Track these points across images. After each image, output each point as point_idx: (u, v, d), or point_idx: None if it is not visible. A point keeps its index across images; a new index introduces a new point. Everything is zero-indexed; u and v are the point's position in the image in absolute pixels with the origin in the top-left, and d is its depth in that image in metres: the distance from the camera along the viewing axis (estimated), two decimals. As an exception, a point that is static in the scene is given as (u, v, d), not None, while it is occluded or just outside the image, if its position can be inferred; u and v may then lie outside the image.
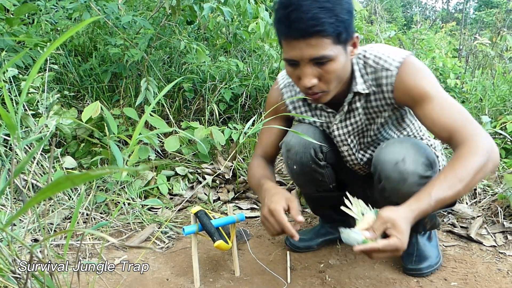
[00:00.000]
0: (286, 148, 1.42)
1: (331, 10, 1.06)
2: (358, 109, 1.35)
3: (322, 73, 1.15)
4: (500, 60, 4.24)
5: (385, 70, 1.24)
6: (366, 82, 1.28)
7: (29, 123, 1.80)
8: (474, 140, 1.10)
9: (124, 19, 2.11)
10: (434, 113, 1.18)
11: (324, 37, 1.08)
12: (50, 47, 0.64)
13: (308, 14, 1.05)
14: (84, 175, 0.42)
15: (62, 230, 1.14)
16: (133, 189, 1.94)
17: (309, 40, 1.09)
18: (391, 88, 1.25)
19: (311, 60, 1.12)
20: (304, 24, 1.06)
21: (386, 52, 1.26)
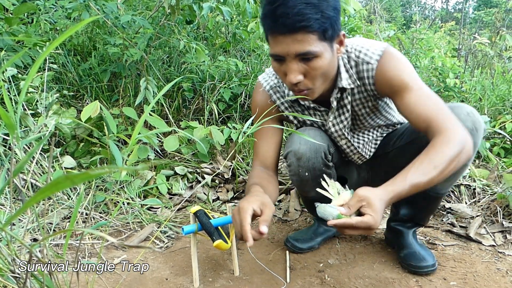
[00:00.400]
0: (296, 157, 1.40)
1: (317, 6, 1.08)
2: (348, 105, 1.37)
3: (308, 69, 1.16)
4: (499, 60, 4.24)
5: (366, 63, 1.27)
6: (351, 76, 1.31)
7: (28, 122, 1.80)
8: (449, 130, 1.14)
9: (123, 19, 2.10)
10: (412, 103, 1.22)
11: (310, 32, 1.09)
12: (49, 47, 0.64)
13: (294, 9, 1.06)
14: (83, 174, 0.42)
15: (61, 230, 1.14)
16: (132, 189, 1.94)
17: (295, 36, 1.10)
18: (373, 81, 1.29)
19: (297, 55, 1.13)
20: (290, 20, 1.08)
21: (365, 45, 1.28)
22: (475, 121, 1.26)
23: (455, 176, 1.37)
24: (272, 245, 1.70)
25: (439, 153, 1.10)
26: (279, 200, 2.15)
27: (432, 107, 1.20)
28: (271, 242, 1.72)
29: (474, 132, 1.25)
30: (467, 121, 1.25)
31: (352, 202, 1.04)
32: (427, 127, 1.18)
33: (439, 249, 1.66)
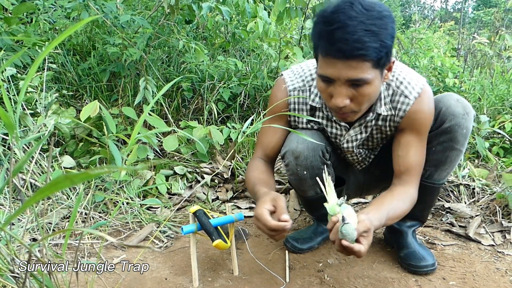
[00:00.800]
0: (294, 155, 1.40)
1: (377, 34, 1.06)
2: (370, 127, 1.39)
3: (356, 94, 1.15)
4: (499, 60, 4.24)
5: (404, 96, 1.30)
6: (386, 104, 1.32)
7: (28, 122, 1.79)
8: (414, 190, 1.34)
9: (123, 18, 2.10)
10: (409, 147, 1.34)
11: (366, 60, 1.08)
12: (48, 46, 0.64)
13: (354, 35, 1.04)
14: (83, 174, 0.42)
15: (61, 230, 1.14)
16: (131, 189, 1.94)
17: (350, 62, 1.08)
18: (403, 114, 1.32)
19: (347, 81, 1.12)
20: (348, 46, 1.05)
21: (407, 77, 1.31)
22: (465, 106, 1.35)
23: (451, 165, 1.42)
24: (272, 245, 1.70)
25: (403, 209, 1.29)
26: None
27: (417, 163, 1.34)
28: (270, 242, 1.72)
29: (466, 116, 1.34)
30: (458, 106, 1.34)
31: (361, 229, 1.06)
32: (402, 173, 1.34)
33: (439, 249, 1.66)
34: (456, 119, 1.34)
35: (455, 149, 1.37)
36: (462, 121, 1.34)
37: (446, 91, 3.20)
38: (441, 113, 1.35)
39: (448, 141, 1.36)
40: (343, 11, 1.05)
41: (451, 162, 1.41)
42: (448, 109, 1.34)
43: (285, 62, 2.84)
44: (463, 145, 1.38)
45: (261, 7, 2.50)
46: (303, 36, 3.02)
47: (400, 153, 1.35)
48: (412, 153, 1.33)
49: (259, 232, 1.81)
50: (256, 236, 1.77)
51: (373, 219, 1.13)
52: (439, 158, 1.40)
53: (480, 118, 2.59)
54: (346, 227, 1.05)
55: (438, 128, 1.36)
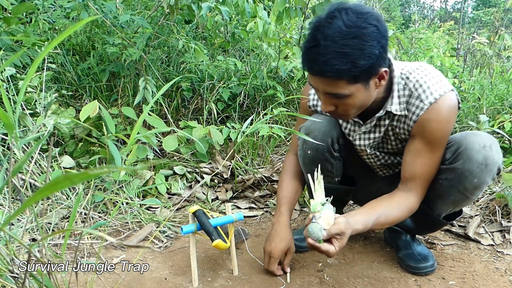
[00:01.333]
0: (306, 132, 1.43)
1: (348, 56, 1.05)
2: (384, 126, 1.35)
3: (338, 104, 1.18)
4: (498, 59, 4.24)
5: (419, 100, 1.23)
6: (401, 104, 1.27)
7: (27, 122, 1.79)
8: (415, 199, 1.31)
9: (122, 18, 2.10)
10: (420, 157, 1.28)
11: (338, 79, 1.09)
12: (48, 46, 0.64)
13: (323, 57, 1.06)
14: (82, 174, 0.42)
15: (60, 230, 1.14)
16: (131, 189, 1.94)
17: (322, 79, 1.11)
18: (416, 119, 1.25)
19: (325, 93, 1.15)
20: (317, 66, 1.09)
21: (429, 81, 1.24)
22: (487, 157, 1.22)
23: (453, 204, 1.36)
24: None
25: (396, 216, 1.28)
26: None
27: (426, 173, 1.29)
28: (270, 242, 1.72)
29: (483, 167, 1.22)
30: (479, 153, 1.22)
31: (333, 231, 1.11)
32: (407, 180, 1.31)
33: (438, 249, 1.66)
34: (471, 165, 1.23)
35: (461, 193, 1.29)
36: (476, 170, 1.23)
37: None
38: (459, 150, 1.26)
39: (456, 182, 1.27)
40: (321, 29, 1.07)
41: (454, 203, 1.34)
42: (466, 151, 1.24)
43: (284, 62, 2.84)
44: (471, 193, 1.28)
45: (261, 7, 2.50)
46: (303, 36, 3.02)
47: (407, 159, 1.31)
48: (420, 161, 1.28)
49: (259, 232, 1.82)
50: (255, 236, 1.77)
51: (354, 223, 1.15)
52: (443, 193, 1.33)
53: (479, 118, 2.59)
54: (312, 226, 1.10)
55: (451, 164, 1.27)
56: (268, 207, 2.08)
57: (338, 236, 1.11)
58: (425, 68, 1.28)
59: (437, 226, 1.51)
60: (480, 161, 1.22)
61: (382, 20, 1.10)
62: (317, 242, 1.11)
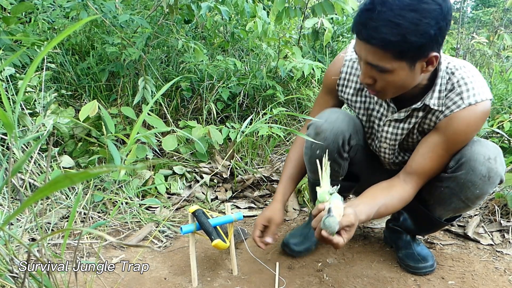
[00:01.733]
0: (316, 131, 1.35)
1: (400, 28, 1.00)
2: (416, 118, 1.30)
3: (377, 78, 1.13)
4: (497, 59, 4.25)
5: (460, 97, 1.19)
6: (441, 99, 1.22)
7: (26, 122, 1.79)
8: (413, 192, 1.29)
9: (122, 18, 2.10)
10: (433, 153, 1.25)
11: (385, 50, 1.04)
12: (47, 46, 0.64)
13: (374, 23, 1.01)
14: (82, 173, 0.42)
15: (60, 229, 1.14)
16: (130, 188, 1.94)
17: (367, 46, 1.06)
18: (448, 113, 1.21)
19: (367, 63, 1.10)
20: (365, 31, 1.04)
21: (474, 82, 1.19)
22: (491, 169, 1.20)
23: (453, 211, 1.35)
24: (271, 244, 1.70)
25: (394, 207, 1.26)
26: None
27: (432, 170, 1.27)
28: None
29: (486, 179, 1.21)
30: (483, 165, 1.20)
31: (344, 223, 1.06)
32: (412, 172, 1.29)
33: (438, 248, 1.66)
34: (473, 177, 1.21)
35: (462, 201, 1.28)
36: (479, 181, 1.21)
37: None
38: (462, 161, 1.23)
39: (458, 191, 1.26)
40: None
41: (455, 210, 1.33)
42: (470, 162, 1.21)
43: (284, 61, 2.84)
44: (472, 202, 1.27)
45: (260, 6, 2.50)
46: (302, 36, 3.02)
47: (420, 150, 1.27)
48: (431, 156, 1.25)
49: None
50: (255, 236, 1.77)
51: (360, 213, 1.11)
52: (444, 199, 1.32)
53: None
54: (330, 219, 1.05)
55: (453, 172, 1.25)
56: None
57: (348, 228, 1.07)
58: (471, 69, 1.24)
59: (437, 227, 1.51)
60: (483, 174, 1.20)
61: (450, 3, 1.04)
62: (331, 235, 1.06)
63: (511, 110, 2.87)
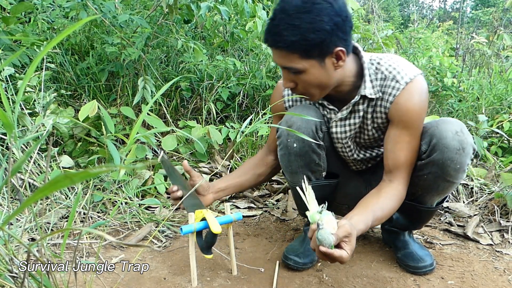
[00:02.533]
0: (287, 124, 1.37)
1: (298, 28, 1.12)
2: (360, 112, 1.37)
3: (297, 80, 1.23)
4: (497, 59, 4.25)
5: (395, 81, 1.28)
6: (374, 87, 1.31)
7: (26, 122, 1.79)
8: (402, 187, 1.32)
9: (121, 18, 2.10)
10: (400, 143, 1.31)
11: (289, 51, 1.16)
12: (47, 46, 0.64)
13: (276, 29, 1.14)
14: (82, 173, 0.42)
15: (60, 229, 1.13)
16: (130, 188, 1.94)
17: (276, 51, 1.18)
18: (392, 99, 1.29)
19: (283, 68, 1.21)
20: (270, 37, 1.17)
21: (401, 65, 1.30)
22: (462, 141, 1.27)
23: (443, 193, 1.37)
24: (270, 244, 1.70)
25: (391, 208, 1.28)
26: (277, 200, 2.15)
27: (408, 159, 1.31)
28: (269, 242, 1.72)
29: (461, 152, 1.26)
30: (454, 140, 1.26)
31: (341, 234, 1.05)
32: (391, 169, 1.32)
33: (437, 248, 1.66)
34: (449, 153, 1.26)
35: (447, 181, 1.32)
36: (455, 156, 1.26)
37: (444, 90, 3.20)
38: (433, 142, 1.29)
39: (440, 172, 1.30)
40: (281, 3, 1.14)
41: (443, 191, 1.37)
42: (441, 140, 1.27)
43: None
44: (456, 178, 1.31)
45: (260, 6, 2.50)
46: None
47: (388, 147, 1.33)
48: (400, 147, 1.31)
49: (258, 232, 1.82)
50: (254, 236, 1.77)
51: (356, 223, 1.13)
52: (430, 185, 1.35)
53: (478, 118, 2.60)
54: (321, 232, 1.04)
55: (429, 157, 1.30)
56: (267, 207, 2.09)
57: (346, 238, 1.07)
58: (393, 56, 1.35)
59: (430, 215, 1.51)
60: (457, 147, 1.26)
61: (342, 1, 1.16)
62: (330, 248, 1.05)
63: (511, 110, 2.87)
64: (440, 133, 1.28)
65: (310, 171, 1.43)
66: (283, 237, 1.77)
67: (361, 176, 1.60)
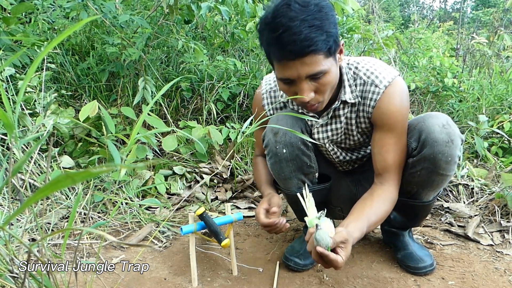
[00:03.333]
0: (273, 132, 1.37)
1: (321, 27, 1.10)
2: (341, 117, 1.38)
3: (318, 86, 1.19)
4: (497, 59, 4.24)
5: (374, 85, 1.29)
6: (353, 92, 1.33)
7: (27, 122, 1.79)
8: (394, 188, 1.33)
9: (122, 18, 2.10)
10: (386, 145, 1.32)
11: (317, 54, 1.12)
12: (47, 47, 0.64)
13: (301, 35, 1.08)
14: (84, 172, 0.41)
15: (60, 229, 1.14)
16: (130, 189, 1.94)
17: (303, 60, 1.12)
18: (374, 104, 1.30)
19: (307, 77, 1.16)
20: (298, 46, 1.10)
21: (378, 69, 1.31)
22: (450, 133, 1.28)
23: (438, 187, 1.38)
24: (271, 244, 1.70)
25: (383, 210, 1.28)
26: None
27: (396, 160, 1.32)
28: (269, 242, 1.72)
29: (450, 144, 1.27)
30: (442, 133, 1.27)
31: (338, 239, 1.07)
32: (381, 172, 1.33)
33: (437, 249, 1.66)
34: (439, 146, 1.27)
35: (440, 174, 1.32)
36: (445, 149, 1.27)
37: (444, 91, 3.20)
38: (422, 138, 1.30)
39: (432, 167, 1.30)
40: (283, 14, 1.09)
41: (438, 185, 1.37)
42: (430, 135, 1.28)
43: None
44: (448, 170, 1.31)
45: (260, 6, 2.50)
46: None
47: (375, 151, 1.34)
48: (387, 149, 1.32)
49: (259, 232, 1.82)
50: (255, 236, 1.77)
51: (352, 231, 1.13)
52: (424, 181, 1.35)
53: (479, 118, 2.60)
54: (320, 232, 1.05)
55: (420, 153, 1.31)
56: (267, 207, 2.08)
57: (343, 244, 1.08)
58: (370, 59, 1.36)
59: (428, 211, 1.51)
60: (446, 140, 1.27)
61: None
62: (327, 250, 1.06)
63: (511, 111, 2.87)
64: (427, 128, 1.29)
65: (303, 174, 1.43)
66: (283, 237, 1.76)
67: (350, 176, 1.60)
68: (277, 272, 1.46)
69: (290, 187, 1.44)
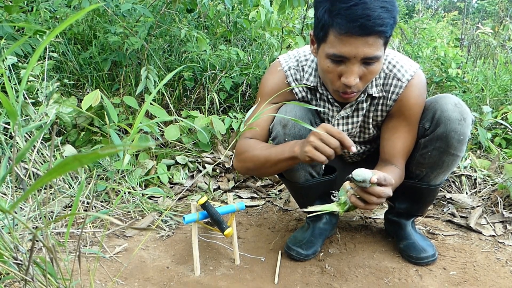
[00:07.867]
0: (282, 124, 1.32)
1: (390, 11, 1.07)
2: (363, 110, 1.37)
3: (366, 72, 1.15)
4: (502, 50, 4.21)
5: (397, 79, 1.30)
6: (378, 86, 1.32)
7: (29, 111, 1.79)
8: (399, 168, 1.35)
9: (124, 7, 2.09)
10: (398, 133, 1.34)
11: (381, 37, 1.09)
12: (49, 35, 0.64)
13: (375, 12, 1.05)
14: (92, 154, 0.41)
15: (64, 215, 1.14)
16: (133, 178, 1.94)
17: (367, 39, 1.08)
18: (396, 97, 1.31)
19: (362, 59, 1.11)
20: (370, 22, 1.05)
21: (400, 61, 1.31)
22: (462, 112, 1.30)
23: (448, 169, 1.38)
24: (273, 234, 1.70)
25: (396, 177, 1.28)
26: (280, 190, 2.15)
27: (404, 148, 1.35)
28: (271, 232, 1.73)
29: (462, 122, 1.29)
30: (455, 111, 1.29)
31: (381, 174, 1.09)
32: (387, 158, 1.36)
33: (439, 239, 1.67)
34: (452, 124, 1.29)
35: (451, 154, 1.33)
36: (458, 127, 1.29)
37: (448, 81, 3.18)
38: (436, 116, 1.31)
39: (444, 146, 1.32)
40: None
41: (448, 167, 1.38)
42: (443, 113, 1.29)
43: (287, 51, 2.82)
44: (459, 150, 1.33)
45: (263, -4, 2.48)
46: (306, 26, 3.00)
47: (386, 136, 1.35)
48: (398, 137, 1.33)
49: (261, 222, 1.82)
50: (257, 226, 1.78)
51: None
52: (435, 162, 1.36)
53: (482, 109, 2.58)
54: (357, 170, 1.08)
55: (433, 132, 1.32)
56: (269, 197, 2.09)
57: (385, 182, 1.09)
58: (389, 52, 1.34)
59: (434, 195, 1.52)
60: (459, 118, 1.29)
61: None
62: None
63: (515, 102, 2.85)
64: (441, 107, 1.30)
65: (311, 166, 1.42)
66: (285, 227, 1.77)
67: (355, 166, 1.56)
68: (279, 261, 1.47)
69: (296, 178, 1.43)
